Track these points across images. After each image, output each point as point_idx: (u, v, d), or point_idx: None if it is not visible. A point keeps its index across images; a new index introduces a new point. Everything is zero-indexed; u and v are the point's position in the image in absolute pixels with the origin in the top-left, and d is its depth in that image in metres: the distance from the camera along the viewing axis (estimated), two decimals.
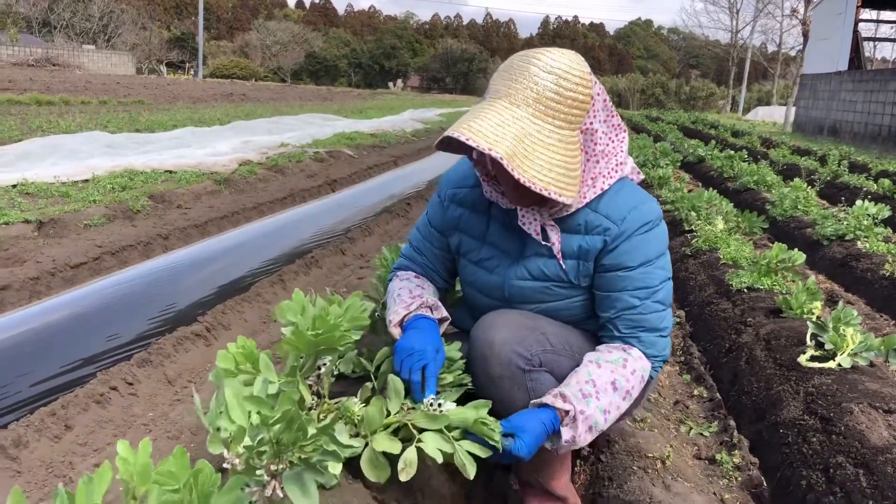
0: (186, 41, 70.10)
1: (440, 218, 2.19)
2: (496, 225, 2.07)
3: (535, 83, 1.76)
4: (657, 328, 1.96)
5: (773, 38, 52.30)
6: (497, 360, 1.88)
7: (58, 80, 29.30)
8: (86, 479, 1.20)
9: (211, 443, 1.44)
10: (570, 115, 1.78)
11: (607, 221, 1.93)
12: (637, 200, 1.97)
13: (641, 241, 1.94)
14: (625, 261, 1.93)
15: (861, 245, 5.57)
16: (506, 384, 1.89)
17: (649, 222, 1.95)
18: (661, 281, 1.96)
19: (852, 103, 20.44)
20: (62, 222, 5.69)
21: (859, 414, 2.50)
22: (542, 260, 1.99)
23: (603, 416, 1.83)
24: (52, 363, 3.41)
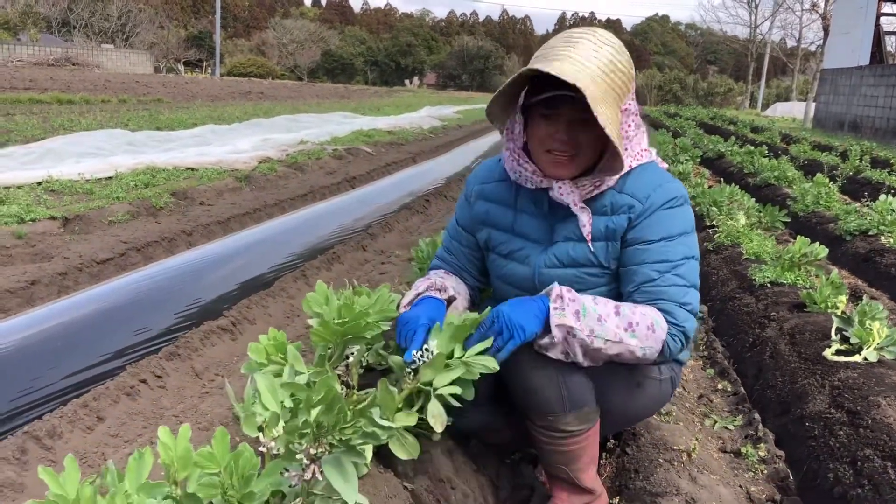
0: (203, 40, 70.49)
1: (467, 216, 2.25)
2: (523, 216, 2.11)
3: (595, 51, 1.83)
4: (677, 301, 1.95)
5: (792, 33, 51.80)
6: (530, 354, 1.90)
7: (77, 79, 29.59)
8: (136, 455, 1.23)
9: (246, 425, 1.47)
10: (619, 89, 1.86)
11: (632, 199, 1.98)
12: (662, 179, 2.02)
13: (664, 215, 1.98)
14: (646, 234, 1.97)
15: (885, 240, 5.53)
16: (537, 378, 1.91)
17: (673, 198, 1.99)
18: (682, 257, 1.97)
19: (874, 98, 20.24)
20: (87, 219, 5.76)
21: (887, 407, 2.50)
22: (571, 244, 2.03)
23: (595, 316, 1.84)
24: (83, 356, 3.46)
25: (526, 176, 2.03)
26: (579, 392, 1.94)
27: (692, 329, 1.98)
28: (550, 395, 1.91)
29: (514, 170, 2.06)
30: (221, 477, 1.33)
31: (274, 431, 1.42)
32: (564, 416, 1.96)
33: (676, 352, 1.98)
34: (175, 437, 1.36)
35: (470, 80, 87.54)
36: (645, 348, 1.90)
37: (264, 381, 1.56)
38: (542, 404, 1.94)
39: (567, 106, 1.87)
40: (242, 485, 1.32)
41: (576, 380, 1.93)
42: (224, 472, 1.33)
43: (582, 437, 2.01)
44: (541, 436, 2.03)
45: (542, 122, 1.95)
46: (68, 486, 1.21)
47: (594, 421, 2.02)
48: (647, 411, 2.25)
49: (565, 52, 1.83)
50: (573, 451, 2.03)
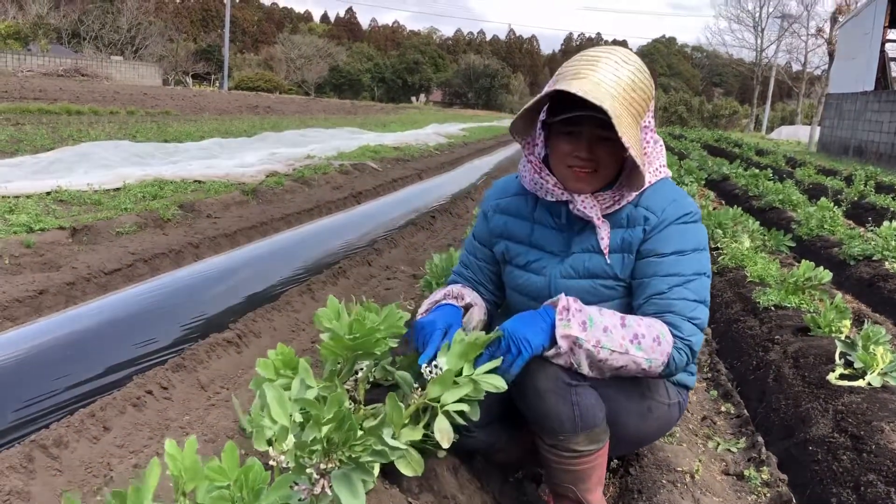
0: (212, 53, 70.96)
1: (485, 231, 2.31)
2: (540, 227, 2.16)
3: (616, 71, 1.88)
4: (685, 314, 1.96)
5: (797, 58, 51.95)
6: (544, 374, 1.91)
7: (87, 90, 29.77)
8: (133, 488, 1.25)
9: (257, 440, 1.49)
10: (639, 106, 1.91)
11: (648, 212, 2.03)
12: (677, 195, 2.08)
13: (677, 230, 2.02)
14: (659, 247, 2.01)
15: (889, 266, 5.54)
16: (551, 398, 1.92)
17: (687, 214, 2.04)
18: (693, 272, 2.00)
19: (878, 123, 20.27)
20: (95, 229, 5.80)
21: (891, 433, 2.51)
22: (587, 255, 2.07)
23: (601, 326, 1.86)
24: (90, 366, 3.48)
25: (547, 188, 2.07)
26: (591, 413, 1.95)
27: (698, 343, 1.99)
28: (563, 414, 1.92)
29: (535, 181, 2.10)
30: (231, 490, 1.35)
31: (283, 445, 1.43)
32: (575, 437, 1.97)
33: (682, 366, 1.98)
34: (181, 448, 1.38)
35: (476, 98, 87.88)
36: (650, 360, 1.90)
37: (273, 393, 1.57)
38: (553, 423, 1.95)
39: (588, 124, 1.93)
40: (252, 498, 1.34)
41: (588, 401, 1.94)
42: (234, 486, 1.34)
43: (591, 457, 2.02)
44: (550, 454, 2.03)
45: (563, 138, 2.00)
46: None
47: (604, 442, 2.04)
48: (654, 435, 2.28)
49: (587, 72, 1.87)
50: (582, 470, 2.04)
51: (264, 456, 1.52)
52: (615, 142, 1.90)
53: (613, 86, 1.85)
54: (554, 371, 1.90)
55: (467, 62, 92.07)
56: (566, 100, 1.89)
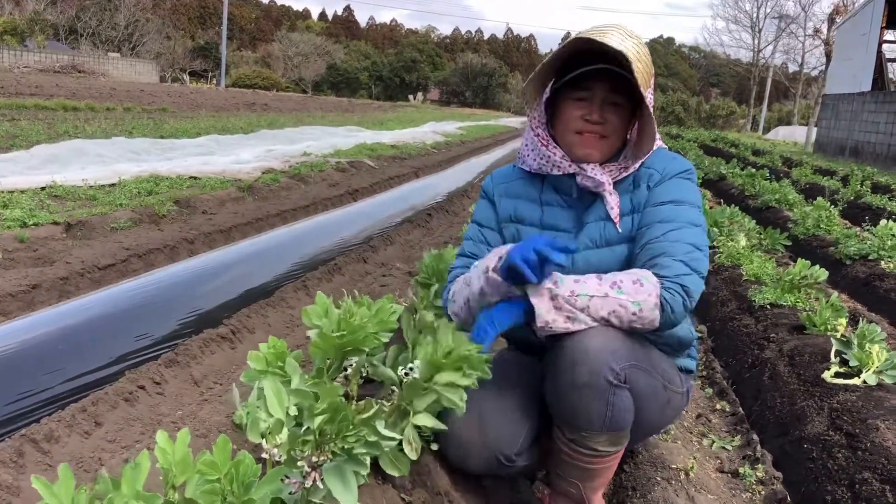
0: (209, 51, 70.85)
1: (492, 216, 2.26)
2: (550, 209, 2.15)
3: (622, 40, 1.89)
4: (677, 256, 1.91)
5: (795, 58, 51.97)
6: (588, 369, 1.83)
7: (83, 86, 29.70)
8: (132, 465, 1.23)
9: (251, 431, 1.47)
10: (644, 78, 1.90)
11: (650, 171, 2.08)
12: (674, 156, 2.15)
13: (675, 183, 2.06)
14: (657, 197, 2.04)
15: (885, 265, 5.54)
16: (587, 393, 1.85)
17: (686, 170, 2.10)
18: (687, 221, 1.99)
19: (875, 124, 20.31)
20: (90, 225, 5.78)
21: (885, 431, 2.50)
22: (602, 223, 2.07)
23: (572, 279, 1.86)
24: (82, 361, 3.46)
25: (554, 161, 2.07)
26: (622, 416, 1.90)
27: (694, 284, 1.89)
28: (594, 412, 1.87)
29: (542, 155, 2.10)
30: (222, 483, 1.33)
31: (277, 438, 1.42)
32: (599, 436, 1.92)
33: (680, 309, 1.87)
34: (173, 442, 1.37)
35: (473, 96, 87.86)
36: (638, 303, 1.84)
37: (272, 386, 1.56)
38: (581, 420, 1.90)
39: (600, 86, 1.98)
40: (242, 491, 1.32)
41: (624, 403, 1.89)
42: (224, 479, 1.33)
43: (608, 458, 1.99)
44: (566, 448, 1.99)
45: (572, 103, 2.03)
46: (62, 495, 1.21)
47: (622, 445, 2.01)
48: (667, 424, 2.29)
49: (598, 33, 1.89)
50: (595, 469, 2.01)
51: (257, 449, 1.50)
52: (623, 108, 2.01)
53: (621, 44, 1.87)
54: (600, 366, 1.82)
55: (465, 61, 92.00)
56: (576, 67, 1.96)
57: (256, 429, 1.45)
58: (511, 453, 2.03)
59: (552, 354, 1.95)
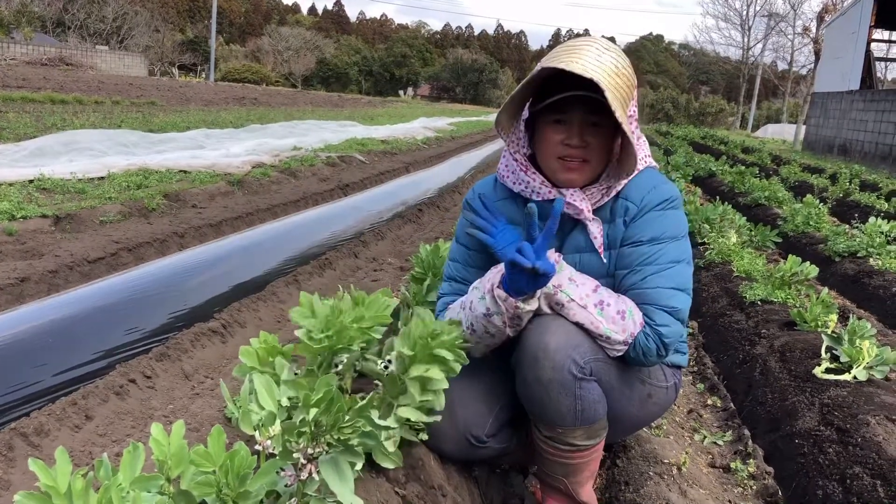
0: (199, 44, 70.46)
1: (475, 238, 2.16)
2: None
3: (598, 56, 1.83)
4: (659, 304, 1.92)
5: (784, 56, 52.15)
6: (551, 364, 1.86)
7: (71, 79, 29.47)
8: (131, 448, 1.23)
9: (243, 422, 1.46)
10: (624, 92, 1.85)
11: (628, 202, 2.00)
12: (657, 181, 2.03)
13: (655, 217, 1.98)
14: (636, 234, 1.98)
15: (873, 262, 5.58)
16: (555, 388, 1.88)
17: (666, 200, 2.00)
18: (670, 260, 1.95)
19: (863, 122, 20.42)
20: (79, 218, 5.74)
21: (876, 426, 2.51)
22: (579, 255, 2.03)
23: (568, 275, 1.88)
24: (72, 355, 3.44)
25: (533, 187, 2.01)
26: (593, 408, 1.93)
27: (672, 334, 1.91)
28: (564, 407, 1.90)
29: (521, 181, 2.04)
30: (217, 475, 1.32)
31: (270, 430, 1.41)
32: (574, 430, 1.95)
33: (651, 353, 1.92)
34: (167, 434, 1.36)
35: (464, 92, 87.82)
36: (609, 330, 1.87)
37: (261, 380, 1.55)
38: (553, 416, 1.92)
39: (578, 108, 1.89)
40: (238, 484, 1.31)
41: (592, 396, 1.91)
42: (219, 471, 1.32)
43: (587, 451, 2.01)
44: (546, 446, 2.02)
45: (552, 127, 1.95)
46: (59, 479, 1.20)
47: (601, 437, 2.02)
48: (654, 418, 2.28)
49: (571, 58, 1.82)
50: (577, 464, 2.02)
51: (251, 442, 1.50)
52: (604, 128, 1.91)
53: (598, 68, 1.80)
54: (562, 361, 1.85)
55: (455, 56, 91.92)
56: (552, 88, 1.87)
57: (248, 421, 1.45)
58: (481, 434, 2.05)
59: (518, 353, 1.97)
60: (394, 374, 1.81)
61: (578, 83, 1.81)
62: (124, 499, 1.21)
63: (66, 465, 1.23)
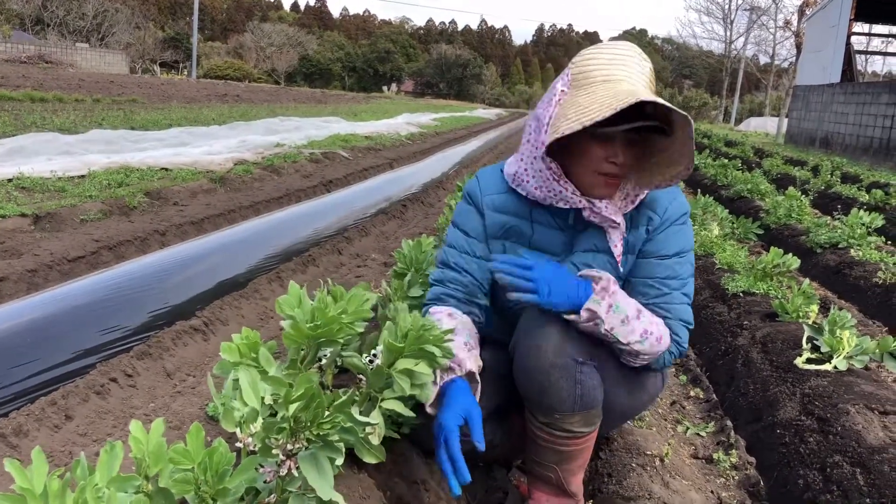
0: (180, 41, 69.97)
1: (479, 227, 2.14)
2: (540, 228, 2.07)
3: (641, 68, 1.85)
4: (682, 318, 2.01)
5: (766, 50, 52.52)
6: (553, 349, 1.87)
7: (51, 77, 29.16)
8: (108, 447, 1.21)
9: (225, 420, 1.45)
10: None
11: (650, 213, 2.02)
12: (675, 193, 2.07)
13: (679, 231, 2.03)
14: (662, 248, 2.01)
15: (854, 253, 5.62)
16: (555, 374, 1.88)
17: (685, 214, 2.06)
18: (689, 275, 2.04)
19: (844, 115, 20.58)
20: (59, 217, 5.69)
21: (856, 415, 2.53)
22: (591, 255, 2.03)
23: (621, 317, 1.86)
24: (52, 354, 3.40)
25: (565, 196, 1.95)
26: (592, 394, 1.93)
27: (686, 344, 2.05)
28: (564, 392, 1.90)
29: (552, 189, 1.95)
30: (195, 473, 1.31)
31: (252, 427, 1.40)
32: (572, 416, 1.94)
33: (668, 364, 2.07)
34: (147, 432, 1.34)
35: (448, 88, 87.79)
36: (646, 354, 1.94)
37: (246, 376, 1.54)
38: (553, 401, 1.91)
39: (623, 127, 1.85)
40: (216, 481, 1.30)
41: (592, 381, 1.92)
42: (198, 468, 1.31)
43: (583, 439, 2.01)
44: (541, 433, 2.01)
45: (594, 143, 1.89)
46: (35, 480, 1.19)
47: (596, 425, 2.02)
48: (645, 406, 2.28)
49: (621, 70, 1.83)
50: (571, 452, 2.02)
51: (233, 440, 1.48)
52: (636, 145, 1.92)
53: (647, 84, 1.83)
54: (563, 346, 1.86)
55: (439, 52, 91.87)
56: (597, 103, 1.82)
57: (231, 417, 1.43)
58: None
59: (517, 339, 1.97)
60: (379, 368, 1.80)
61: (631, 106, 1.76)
62: (100, 498, 1.19)
63: (42, 466, 1.21)
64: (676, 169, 1.90)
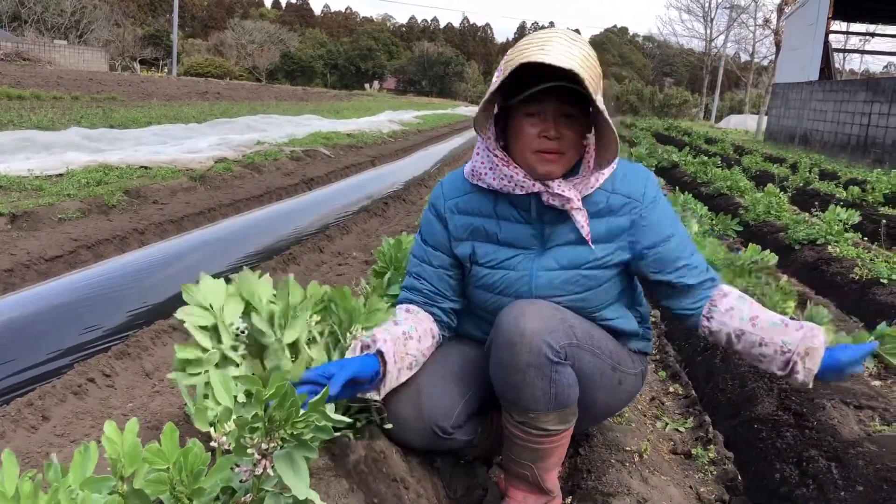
0: (160, 39, 69.41)
1: (441, 234, 2.15)
2: (507, 224, 2.06)
3: (568, 47, 1.81)
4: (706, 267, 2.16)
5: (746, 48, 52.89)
6: (527, 349, 1.86)
7: (28, 74, 28.82)
8: (82, 449, 1.20)
9: (198, 419, 1.45)
10: (594, 83, 1.83)
11: (628, 198, 2.03)
12: (643, 173, 2.10)
13: (661, 208, 2.08)
14: (662, 232, 2.06)
15: (832, 249, 5.67)
16: (531, 373, 1.88)
17: (658, 188, 2.11)
18: (687, 241, 2.13)
19: (823, 112, 20.76)
20: (36, 216, 5.63)
21: (832, 409, 2.56)
22: (569, 247, 2.03)
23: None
24: (29, 354, 3.37)
25: (517, 180, 1.96)
26: (566, 393, 1.94)
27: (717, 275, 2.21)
28: (538, 391, 1.90)
29: (504, 175, 1.97)
30: (170, 473, 1.31)
31: (226, 427, 1.40)
32: (547, 415, 1.95)
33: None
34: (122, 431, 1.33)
35: (430, 85, 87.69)
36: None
37: (217, 375, 1.53)
38: (528, 400, 1.92)
39: (552, 100, 1.88)
40: (192, 480, 1.30)
41: (567, 380, 1.93)
42: (173, 468, 1.30)
43: (558, 437, 2.01)
44: (517, 430, 2.01)
45: (526, 121, 1.92)
46: (7, 482, 1.18)
47: (571, 423, 2.03)
48: (622, 405, 2.31)
49: (542, 50, 1.79)
50: (546, 449, 2.03)
51: (208, 439, 1.48)
52: (576, 120, 1.90)
53: (570, 59, 1.78)
54: (538, 345, 1.86)
55: (421, 49, 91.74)
56: (524, 82, 1.85)
57: (204, 417, 1.43)
58: (447, 426, 2.05)
59: (493, 337, 1.97)
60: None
61: (550, 75, 1.79)
62: (73, 500, 1.19)
63: (13, 468, 1.20)
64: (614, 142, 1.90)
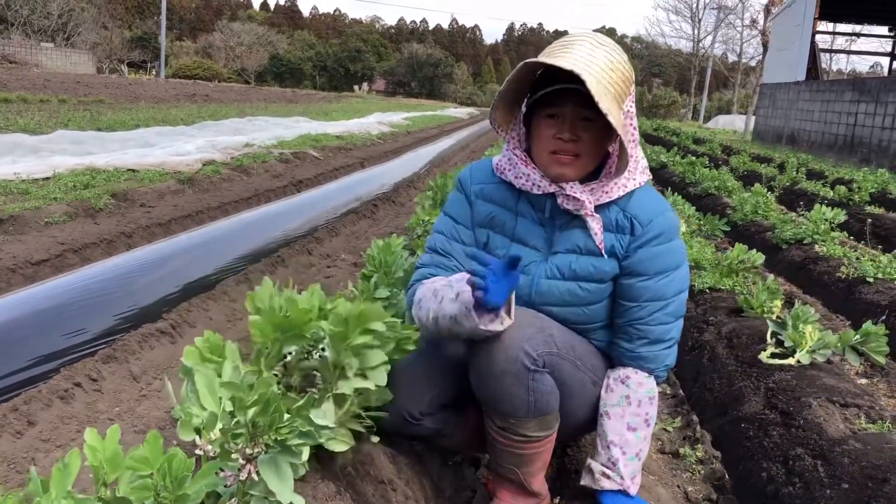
0: (148, 41, 69.08)
1: (468, 213, 2.16)
2: (523, 221, 2.08)
3: (592, 51, 1.83)
4: (661, 340, 2.05)
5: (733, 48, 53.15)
6: (504, 356, 1.87)
7: (14, 77, 28.66)
8: (61, 465, 1.19)
9: (182, 429, 1.44)
10: (618, 88, 1.85)
11: (635, 223, 2.00)
12: (663, 206, 2.05)
13: (662, 250, 2.01)
14: (644, 268, 2.01)
15: (819, 248, 5.71)
16: (508, 380, 1.88)
17: (671, 228, 2.03)
18: (674, 293, 2.03)
19: (810, 112, 20.87)
20: (22, 219, 5.59)
21: (818, 408, 2.58)
22: (574, 256, 2.03)
23: (638, 455, 2.06)
24: (14, 359, 3.35)
25: (534, 180, 1.99)
26: (546, 400, 1.93)
27: (673, 359, 2.13)
28: (517, 398, 1.90)
29: (522, 174, 2.01)
30: (154, 479, 1.30)
31: (211, 434, 1.39)
32: (527, 422, 1.95)
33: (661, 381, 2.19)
34: (103, 438, 1.32)
35: (419, 87, 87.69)
36: (654, 416, 2.12)
37: (203, 379, 1.52)
38: (507, 407, 1.92)
39: (570, 103, 1.89)
40: (176, 486, 1.29)
41: (545, 387, 1.92)
42: (157, 474, 1.30)
43: (540, 442, 2.01)
44: (499, 436, 2.01)
45: (544, 122, 1.95)
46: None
47: (554, 428, 2.03)
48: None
49: (563, 53, 1.83)
50: (529, 455, 2.03)
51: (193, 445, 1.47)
52: (597, 124, 1.89)
53: (589, 65, 1.79)
54: (514, 353, 1.86)
55: (410, 51, 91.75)
56: (546, 83, 1.89)
57: (189, 424, 1.42)
58: (416, 412, 2.05)
59: (472, 345, 1.96)
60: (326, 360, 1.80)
61: (570, 78, 1.80)
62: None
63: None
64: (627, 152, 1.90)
